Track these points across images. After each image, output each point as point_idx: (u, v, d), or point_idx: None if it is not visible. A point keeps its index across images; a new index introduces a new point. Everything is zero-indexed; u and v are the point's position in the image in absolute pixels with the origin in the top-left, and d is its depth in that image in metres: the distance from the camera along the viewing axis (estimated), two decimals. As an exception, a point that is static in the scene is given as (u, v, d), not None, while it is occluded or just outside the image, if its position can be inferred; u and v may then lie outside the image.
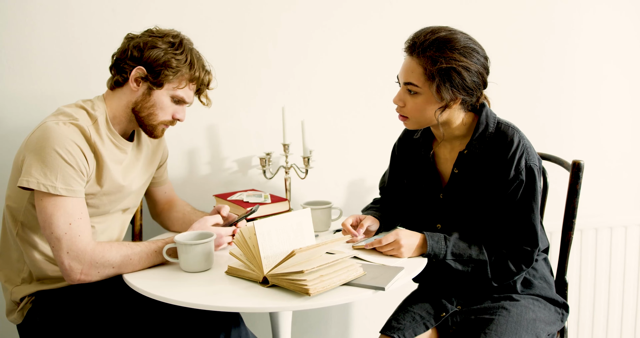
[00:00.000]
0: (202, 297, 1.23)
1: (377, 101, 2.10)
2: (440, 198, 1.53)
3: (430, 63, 1.36)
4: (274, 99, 2.01)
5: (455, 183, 1.50)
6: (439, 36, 1.37)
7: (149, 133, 1.53)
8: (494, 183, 1.43)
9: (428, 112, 1.43)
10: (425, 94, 1.40)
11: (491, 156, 1.44)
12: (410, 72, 1.40)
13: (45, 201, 1.32)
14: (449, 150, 1.54)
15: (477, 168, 1.46)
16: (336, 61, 2.05)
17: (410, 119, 1.46)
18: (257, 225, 1.27)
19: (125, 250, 1.37)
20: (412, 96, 1.42)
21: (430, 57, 1.36)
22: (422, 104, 1.42)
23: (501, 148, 1.42)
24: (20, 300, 1.48)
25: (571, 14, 2.18)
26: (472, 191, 1.47)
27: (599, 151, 2.28)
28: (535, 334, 1.39)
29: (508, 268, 1.43)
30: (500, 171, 1.42)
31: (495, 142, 1.44)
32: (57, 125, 1.35)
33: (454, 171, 1.50)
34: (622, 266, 2.27)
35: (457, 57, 1.36)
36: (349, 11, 2.03)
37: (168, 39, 1.46)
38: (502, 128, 1.45)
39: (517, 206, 1.43)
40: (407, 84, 1.41)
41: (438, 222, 1.54)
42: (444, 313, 1.49)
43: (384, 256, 1.45)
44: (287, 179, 1.97)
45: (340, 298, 1.21)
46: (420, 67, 1.38)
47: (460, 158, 1.49)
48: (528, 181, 1.42)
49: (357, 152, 2.12)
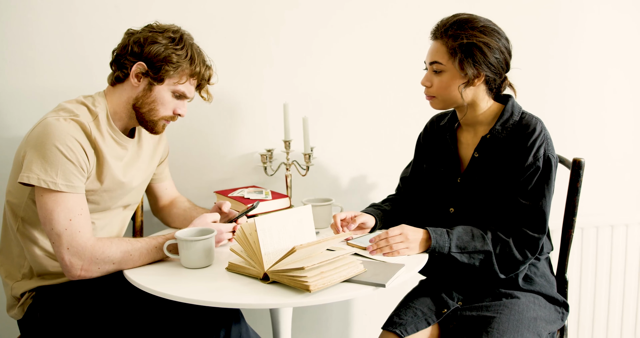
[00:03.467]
0: (203, 293, 1.22)
1: (379, 98, 2.09)
2: (457, 182, 1.56)
3: (452, 40, 1.44)
4: (276, 95, 2.01)
5: (474, 167, 1.53)
6: (460, 18, 1.46)
7: (149, 129, 1.52)
8: (511, 168, 1.46)
9: (453, 89, 1.48)
10: (449, 71, 1.46)
11: (512, 142, 1.47)
12: (435, 52, 1.48)
13: (46, 197, 1.32)
14: (472, 135, 1.58)
15: (497, 153, 1.50)
16: (339, 59, 2.04)
17: (436, 98, 1.52)
18: (257, 221, 1.27)
19: (126, 246, 1.37)
20: (437, 75, 1.49)
21: (452, 35, 1.44)
22: (447, 81, 1.48)
23: (523, 136, 1.46)
24: (20, 296, 1.48)
25: (575, 15, 2.17)
26: (489, 176, 1.50)
27: (602, 149, 2.27)
28: (537, 333, 1.39)
29: (513, 257, 1.44)
30: (518, 158, 1.45)
31: (517, 129, 1.48)
32: (58, 121, 1.35)
33: (474, 155, 1.53)
34: (623, 265, 2.27)
35: (477, 34, 1.43)
36: (353, 9, 2.02)
37: (168, 34, 1.45)
38: (526, 117, 1.49)
39: (529, 191, 1.45)
40: (432, 63, 1.48)
41: (451, 206, 1.56)
42: (445, 309, 1.49)
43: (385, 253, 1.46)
44: (288, 176, 1.97)
45: (340, 295, 1.21)
46: (444, 46, 1.46)
47: (482, 142, 1.53)
48: (544, 169, 1.45)
49: (359, 149, 2.12)
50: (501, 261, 1.45)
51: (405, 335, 1.42)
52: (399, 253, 1.42)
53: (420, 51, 1.93)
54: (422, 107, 1.84)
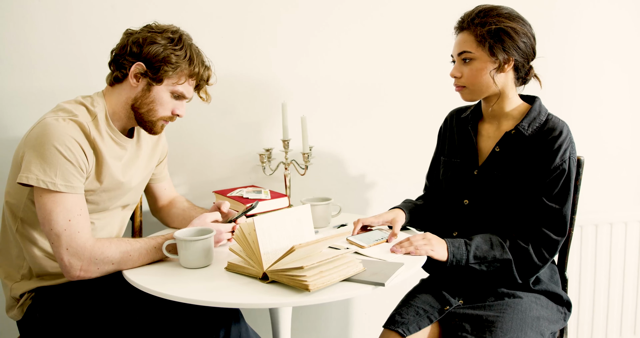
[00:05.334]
0: (202, 293, 1.22)
1: (378, 97, 2.10)
2: (474, 174, 1.56)
3: (480, 28, 1.45)
4: (274, 95, 2.01)
5: (493, 160, 1.54)
6: (484, 7, 1.49)
7: (148, 129, 1.52)
8: (535, 168, 1.47)
9: (484, 77, 1.49)
10: (480, 58, 1.47)
11: (537, 142, 1.48)
12: (463, 42, 1.49)
13: (45, 197, 1.32)
14: (494, 128, 1.58)
15: (520, 150, 1.50)
16: (337, 57, 2.04)
17: (467, 88, 1.52)
18: (256, 221, 1.27)
19: (125, 246, 1.37)
20: (467, 64, 1.50)
21: (479, 23, 1.46)
22: (478, 69, 1.48)
23: (549, 137, 1.47)
24: (20, 296, 1.48)
25: (571, 10, 2.17)
26: (508, 172, 1.50)
27: (599, 147, 2.28)
28: (540, 332, 1.39)
29: (532, 263, 1.45)
30: (544, 159, 1.46)
31: (544, 130, 1.49)
32: (57, 121, 1.35)
33: (495, 149, 1.54)
34: (622, 263, 2.27)
35: (504, 20, 1.46)
36: (350, 8, 2.02)
37: (167, 35, 1.45)
38: (552, 119, 1.50)
39: (555, 194, 1.46)
40: (461, 53, 1.49)
41: (466, 198, 1.57)
42: (447, 306, 1.49)
43: (384, 251, 1.46)
44: (287, 175, 1.97)
45: (340, 294, 1.21)
46: (471, 35, 1.47)
47: (505, 137, 1.53)
48: (569, 172, 1.46)
49: (357, 148, 2.12)
50: (520, 268, 1.46)
51: (408, 334, 1.42)
52: (423, 252, 1.43)
53: (420, 50, 1.94)
54: (421, 106, 1.85)
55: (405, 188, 2.04)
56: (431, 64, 1.57)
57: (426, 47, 2.06)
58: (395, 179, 2.14)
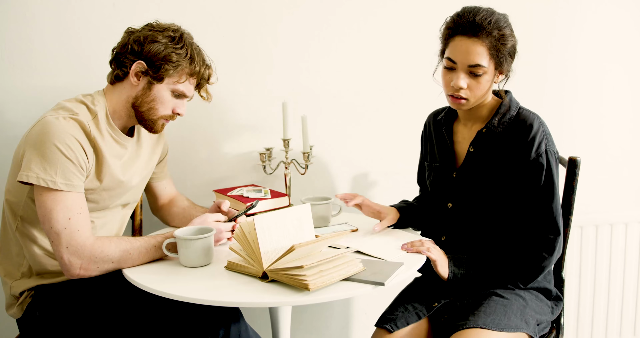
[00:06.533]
0: (202, 291, 1.22)
1: (378, 96, 2.09)
2: (453, 177, 1.55)
3: (495, 41, 1.39)
4: (274, 94, 2.01)
5: (469, 162, 1.52)
6: (497, 17, 1.42)
7: (149, 128, 1.52)
8: (512, 165, 1.45)
9: (488, 89, 1.47)
10: (489, 72, 1.43)
11: (510, 137, 1.46)
12: (476, 54, 1.40)
13: (45, 195, 1.32)
14: (467, 130, 1.56)
15: (494, 148, 1.48)
16: (337, 56, 2.04)
17: (469, 101, 1.47)
18: (256, 220, 1.27)
19: (125, 244, 1.37)
20: (477, 78, 1.43)
21: (496, 36, 1.39)
22: (486, 83, 1.45)
23: (521, 131, 1.44)
24: (19, 295, 1.48)
25: (574, 11, 2.17)
26: (486, 171, 1.49)
27: (600, 147, 2.27)
28: (524, 319, 1.40)
29: (534, 267, 1.45)
30: (519, 154, 1.43)
31: (515, 125, 1.46)
32: (57, 120, 1.35)
33: (469, 150, 1.52)
34: (622, 263, 2.27)
35: (512, 34, 1.43)
36: (352, 7, 2.02)
37: (168, 33, 1.45)
38: (523, 112, 1.48)
39: (538, 192, 1.43)
40: (473, 66, 1.41)
41: (449, 201, 1.56)
42: (436, 303, 1.48)
43: (385, 249, 1.46)
44: (287, 174, 1.96)
45: (339, 294, 1.21)
46: (484, 47, 1.40)
47: (477, 137, 1.51)
48: (548, 166, 1.43)
49: (358, 147, 2.12)
50: (522, 274, 1.46)
51: (395, 330, 1.42)
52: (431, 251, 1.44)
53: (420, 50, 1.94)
54: (421, 105, 1.84)
55: (405, 187, 2.03)
56: (432, 63, 1.56)
57: (427, 46, 2.05)
58: (396, 178, 2.14)
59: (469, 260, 1.46)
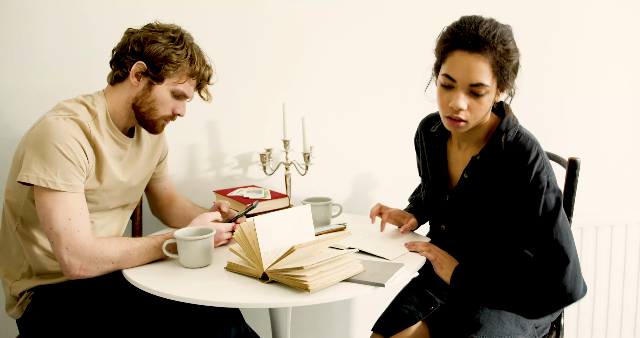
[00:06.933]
0: (202, 292, 1.22)
1: (377, 97, 2.09)
2: (446, 200, 1.46)
3: (503, 58, 1.26)
4: (274, 95, 2.01)
5: (463, 188, 1.42)
6: (501, 30, 1.28)
7: (149, 129, 1.52)
8: (508, 193, 1.33)
9: (489, 110, 1.34)
10: (491, 91, 1.29)
11: (506, 166, 1.33)
12: (479, 72, 1.25)
13: (45, 196, 1.32)
14: (462, 152, 1.45)
15: (490, 176, 1.37)
16: (337, 57, 2.04)
17: (469, 123, 1.32)
18: (257, 220, 1.27)
19: (125, 245, 1.37)
20: (478, 98, 1.28)
21: (500, 52, 1.26)
22: (488, 103, 1.31)
23: (518, 160, 1.30)
24: (19, 295, 1.48)
25: (574, 12, 2.17)
26: (481, 199, 1.39)
27: (600, 149, 2.27)
28: (520, 325, 1.39)
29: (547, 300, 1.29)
30: (515, 182, 1.31)
31: (511, 152, 1.32)
32: (57, 120, 1.35)
33: (463, 176, 1.41)
34: (622, 265, 2.27)
35: (516, 48, 1.30)
36: (350, 7, 2.02)
37: (168, 34, 1.45)
38: (520, 139, 1.33)
39: (538, 224, 1.29)
40: (475, 85, 1.27)
41: (442, 223, 1.50)
42: (432, 306, 1.46)
43: (386, 248, 1.46)
44: (287, 175, 1.96)
45: (339, 295, 1.21)
46: (488, 64, 1.25)
47: (472, 163, 1.40)
48: (547, 197, 1.29)
49: (357, 149, 2.12)
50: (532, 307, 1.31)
51: (391, 334, 1.40)
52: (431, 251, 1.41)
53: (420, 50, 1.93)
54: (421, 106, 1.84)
55: (406, 188, 2.03)
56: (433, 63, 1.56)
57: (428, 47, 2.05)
58: (396, 179, 2.14)
59: (477, 276, 1.35)
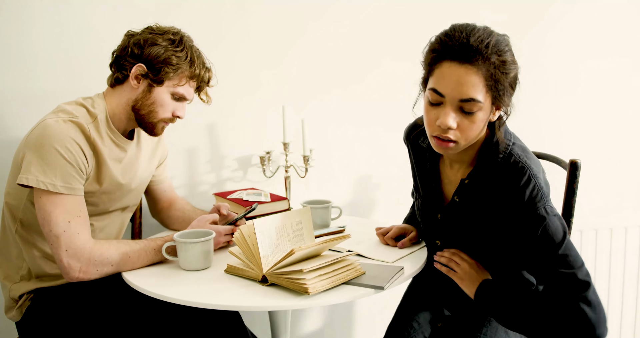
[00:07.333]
0: (201, 295, 1.22)
1: (377, 99, 2.09)
2: (438, 218, 1.38)
3: (498, 71, 1.12)
4: (274, 97, 2.01)
5: (454, 209, 1.34)
6: (497, 38, 1.14)
7: (149, 131, 1.52)
8: (504, 223, 1.23)
9: (481, 130, 1.20)
10: (484, 109, 1.15)
11: (498, 192, 1.22)
12: (470, 86, 1.12)
13: (44, 198, 1.32)
14: (454, 172, 1.35)
15: (481, 201, 1.27)
16: (336, 60, 2.05)
17: (459, 144, 1.19)
18: (256, 223, 1.27)
19: (124, 248, 1.37)
20: (469, 116, 1.15)
21: (495, 63, 1.12)
22: (480, 122, 1.17)
23: (511, 187, 1.19)
24: (19, 298, 1.47)
25: (572, 12, 2.18)
26: (473, 221, 1.30)
27: (600, 151, 2.27)
28: None
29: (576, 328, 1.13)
30: (511, 212, 1.20)
31: (502, 176, 1.21)
32: (57, 122, 1.35)
33: (454, 198, 1.32)
34: (622, 268, 2.27)
35: (514, 60, 1.16)
36: (348, 9, 2.02)
37: (168, 36, 1.45)
38: (512, 160, 1.21)
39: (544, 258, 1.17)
40: (466, 101, 1.13)
41: (437, 238, 1.43)
42: (440, 323, 1.43)
43: (385, 251, 1.46)
44: (287, 178, 1.96)
45: (339, 298, 1.21)
46: (480, 77, 1.12)
47: (461, 186, 1.30)
48: (544, 229, 1.17)
49: (357, 151, 2.12)
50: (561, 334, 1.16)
51: None
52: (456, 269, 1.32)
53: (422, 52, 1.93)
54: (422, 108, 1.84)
55: (406, 191, 2.03)
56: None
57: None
58: (395, 182, 2.14)
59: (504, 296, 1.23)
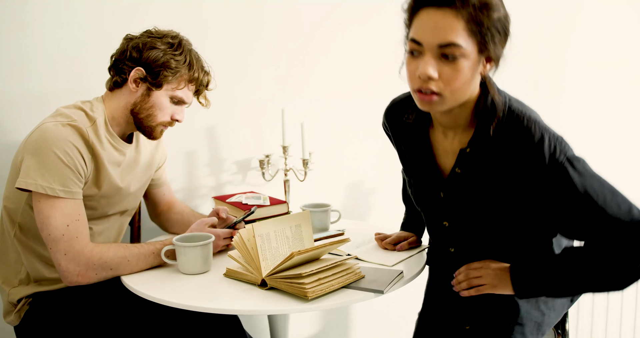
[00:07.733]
0: (200, 299, 1.22)
1: (376, 103, 2.09)
2: (440, 196, 1.27)
3: (480, 13, 1.03)
4: (273, 101, 2.01)
5: (457, 183, 1.22)
6: None
7: (147, 135, 1.52)
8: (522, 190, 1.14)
9: (473, 82, 1.10)
10: (469, 56, 1.05)
11: (508, 156, 1.13)
12: (449, 29, 1.03)
13: (43, 202, 1.32)
14: (449, 141, 1.24)
15: (488, 169, 1.17)
16: (336, 63, 2.05)
17: (444, 97, 1.08)
18: (256, 227, 1.27)
19: (123, 251, 1.37)
20: (450, 63, 1.05)
21: (476, 5, 1.03)
22: (466, 71, 1.06)
23: (524, 148, 1.10)
24: (17, 302, 1.47)
25: (573, 14, 2.18)
26: (483, 195, 1.20)
27: (600, 152, 2.27)
28: None
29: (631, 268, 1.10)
30: (532, 178, 1.11)
31: (508, 138, 1.12)
32: (56, 126, 1.35)
33: (455, 170, 1.21)
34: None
35: (501, 4, 1.06)
36: (348, 11, 2.03)
37: (167, 40, 1.45)
38: (515, 118, 1.13)
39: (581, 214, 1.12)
40: (445, 46, 1.04)
41: (444, 220, 1.30)
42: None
43: (385, 254, 1.46)
44: (286, 181, 1.96)
45: (338, 301, 1.20)
46: (461, 20, 1.02)
47: (461, 156, 1.19)
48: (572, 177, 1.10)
49: (357, 154, 2.12)
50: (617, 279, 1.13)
51: None
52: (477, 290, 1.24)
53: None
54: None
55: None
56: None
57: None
58: (395, 186, 2.14)
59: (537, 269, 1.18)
